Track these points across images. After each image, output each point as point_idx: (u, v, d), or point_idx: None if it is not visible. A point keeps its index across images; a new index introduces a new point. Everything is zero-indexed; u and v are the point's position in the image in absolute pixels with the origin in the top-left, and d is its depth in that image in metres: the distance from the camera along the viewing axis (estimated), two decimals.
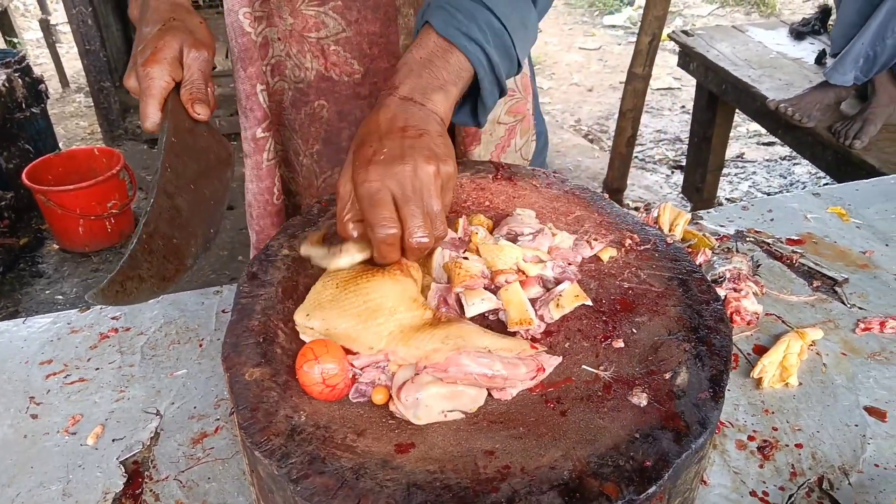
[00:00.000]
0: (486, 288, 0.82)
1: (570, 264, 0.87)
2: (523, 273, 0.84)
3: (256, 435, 0.65)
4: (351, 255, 0.77)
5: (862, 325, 1.11)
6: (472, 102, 0.91)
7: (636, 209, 1.04)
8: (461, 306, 0.81)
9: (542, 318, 0.80)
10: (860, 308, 1.16)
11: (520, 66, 0.91)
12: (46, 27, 5.35)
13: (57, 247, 3.62)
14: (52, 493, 0.87)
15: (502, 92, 0.89)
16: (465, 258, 0.83)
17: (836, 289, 1.20)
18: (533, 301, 0.82)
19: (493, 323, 0.82)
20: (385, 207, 0.72)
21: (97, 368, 1.06)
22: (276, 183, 1.18)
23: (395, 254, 0.74)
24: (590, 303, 0.81)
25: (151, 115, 0.89)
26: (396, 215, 0.72)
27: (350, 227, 0.76)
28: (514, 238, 0.89)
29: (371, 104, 1.15)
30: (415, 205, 0.72)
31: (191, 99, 0.91)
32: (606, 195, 1.13)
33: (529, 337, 0.80)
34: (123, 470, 0.89)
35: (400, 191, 0.72)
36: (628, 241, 0.92)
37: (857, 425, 0.95)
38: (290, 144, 1.22)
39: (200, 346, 1.10)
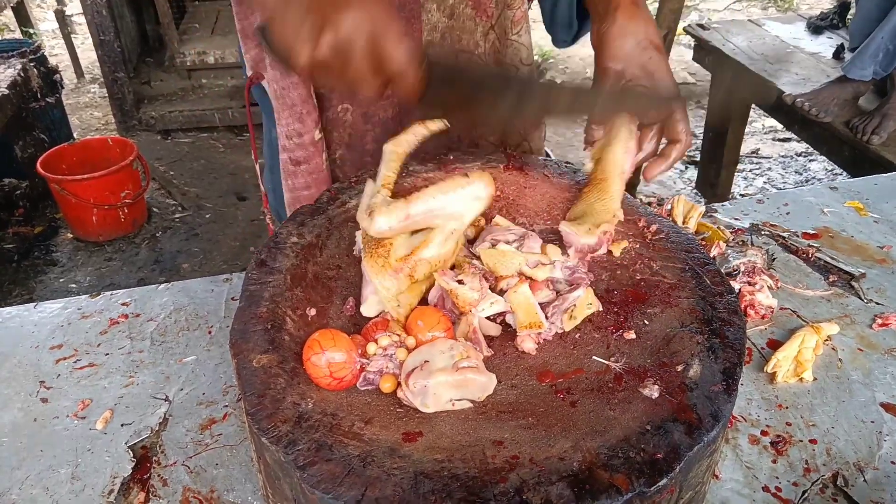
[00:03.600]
0: (491, 290, 0.81)
1: (585, 259, 0.86)
2: (529, 279, 0.81)
3: (263, 421, 0.64)
4: None
5: (879, 321, 1.09)
6: None
7: (649, 204, 1.03)
8: None
9: (553, 324, 0.78)
10: (877, 303, 1.14)
11: None
12: (62, 18, 5.38)
13: (71, 235, 3.65)
14: (60, 477, 0.87)
15: None
16: (461, 282, 0.79)
17: (853, 283, 1.18)
18: (544, 306, 0.80)
19: (501, 326, 0.80)
20: None
21: (107, 354, 1.06)
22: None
23: None
24: (601, 309, 0.80)
25: None
26: None
27: None
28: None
29: (395, 103, 1.14)
30: None
31: None
32: None
33: (541, 340, 0.78)
34: (132, 455, 0.90)
35: None
36: (641, 224, 0.91)
37: (873, 422, 0.93)
38: None
39: (209, 333, 1.09)
